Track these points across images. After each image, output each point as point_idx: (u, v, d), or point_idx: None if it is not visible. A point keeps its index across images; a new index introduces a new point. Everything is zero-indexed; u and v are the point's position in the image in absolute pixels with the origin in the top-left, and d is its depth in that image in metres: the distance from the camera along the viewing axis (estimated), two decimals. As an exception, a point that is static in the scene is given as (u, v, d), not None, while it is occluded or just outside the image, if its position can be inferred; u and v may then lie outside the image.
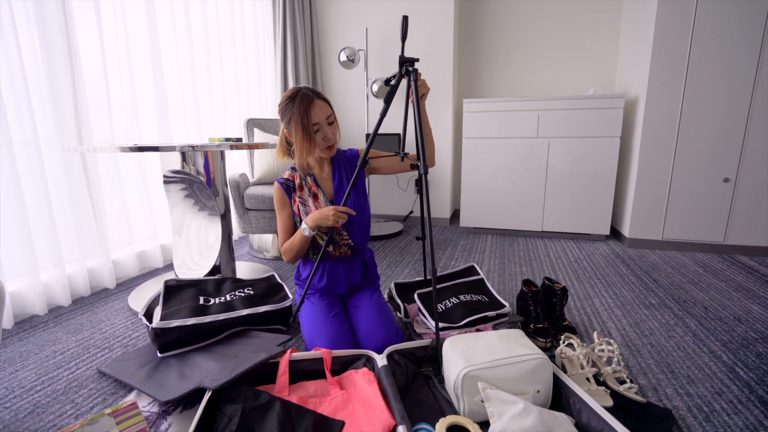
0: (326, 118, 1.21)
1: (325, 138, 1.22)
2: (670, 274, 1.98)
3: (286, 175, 1.33)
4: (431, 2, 2.83)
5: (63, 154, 1.69)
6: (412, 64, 1.13)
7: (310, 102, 1.18)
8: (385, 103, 1.16)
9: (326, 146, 1.24)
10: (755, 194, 2.18)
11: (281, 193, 1.32)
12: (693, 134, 2.21)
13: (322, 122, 1.20)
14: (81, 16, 1.77)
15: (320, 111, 1.20)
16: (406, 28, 1.10)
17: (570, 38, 2.92)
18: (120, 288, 1.88)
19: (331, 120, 1.23)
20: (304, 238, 1.27)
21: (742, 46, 2.05)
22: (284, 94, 1.27)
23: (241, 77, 2.72)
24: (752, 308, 1.58)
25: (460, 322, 1.26)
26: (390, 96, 1.16)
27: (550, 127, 2.54)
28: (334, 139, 1.25)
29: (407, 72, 1.13)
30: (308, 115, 1.17)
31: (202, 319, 1.25)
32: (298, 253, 1.32)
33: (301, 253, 1.33)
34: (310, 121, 1.18)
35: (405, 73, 1.14)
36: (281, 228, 1.34)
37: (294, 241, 1.30)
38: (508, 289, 1.80)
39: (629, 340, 1.35)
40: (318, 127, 1.20)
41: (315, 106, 1.18)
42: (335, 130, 1.26)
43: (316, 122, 1.19)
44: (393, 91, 1.17)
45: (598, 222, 2.58)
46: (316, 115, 1.19)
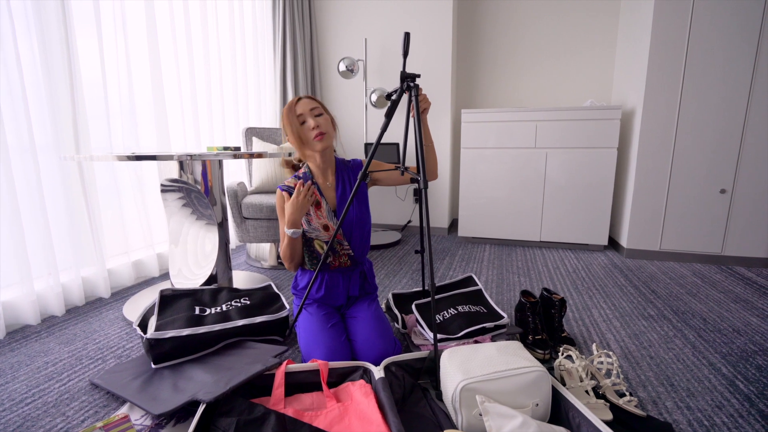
0: (310, 110, 1.27)
1: (310, 128, 1.26)
2: (668, 285, 1.97)
3: (289, 182, 1.33)
4: (430, 14, 2.86)
5: (60, 162, 1.69)
6: (413, 80, 1.15)
7: (296, 100, 1.28)
8: (386, 118, 1.17)
9: (315, 135, 1.25)
10: (752, 205, 2.19)
11: (283, 200, 1.31)
12: (689, 145, 2.23)
13: (305, 112, 1.26)
14: (81, 23, 1.78)
15: (304, 104, 1.27)
16: (407, 44, 1.13)
17: (567, 50, 2.96)
18: (115, 297, 1.86)
19: (317, 112, 1.28)
20: (290, 241, 1.29)
21: (736, 59, 2.08)
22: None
23: (240, 86, 2.73)
24: (751, 320, 1.58)
25: (458, 334, 1.25)
26: (391, 111, 1.17)
27: (547, 138, 2.56)
28: (323, 128, 1.26)
29: (408, 87, 1.15)
30: (292, 109, 1.26)
31: (197, 330, 1.24)
32: (294, 257, 1.33)
33: (297, 257, 1.34)
34: (294, 113, 1.25)
35: (406, 88, 1.16)
36: (283, 234, 1.34)
37: (283, 246, 1.31)
38: (506, 299, 1.79)
39: (628, 352, 1.34)
40: (303, 119, 1.26)
41: (299, 102, 1.27)
42: (324, 122, 1.27)
43: (300, 113, 1.26)
44: (394, 106, 1.18)
45: (596, 232, 2.58)
46: (299, 108, 1.26)
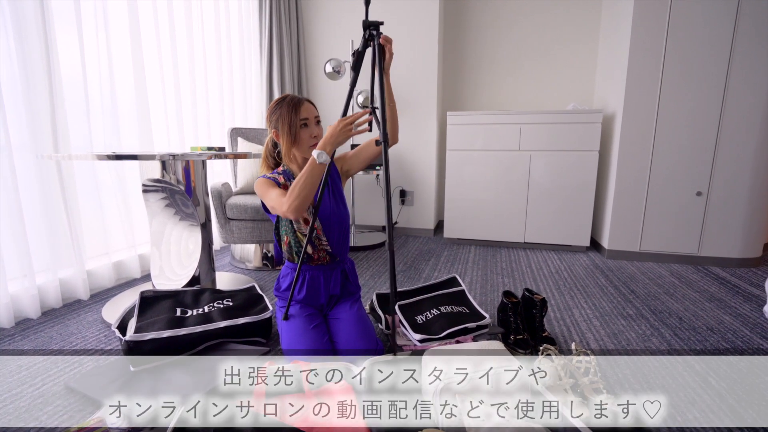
0: (315, 117, 1.27)
1: (311, 135, 1.25)
2: (647, 285, 2.02)
3: (271, 175, 1.31)
4: (416, 16, 2.89)
5: (37, 162, 1.65)
6: (377, 28, 1.06)
7: (299, 102, 1.25)
8: (353, 71, 1.12)
9: (312, 144, 1.26)
10: (726, 207, 2.26)
11: (268, 180, 1.26)
12: (667, 149, 2.29)
13: (310, 118, 1.26)
14: (61, 18, 1.73)
15: (308, 109, 1.26)
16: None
17: (551, 54, 3.01)
18: (94, 299, 1.82)
19: (319, 119, 1.29)
20: (317, 168, 1.11)
21: (710, 67, 2.15)
22: (273, 101, 1.29)
23: (226, 86, 2.71)
24: (724, 318, 1.63)
25: (440, 334, 1.26)
26: (357, 64, 1.12)
27: (531, 141, 2.60)
28: (321, 137, 1.26)
29: (371, 36, 1.07)
30: (297, 111, 1.23)
31: (178, 332, 1.22)
32: (307, 192, 1.12)
33: (311, 193, 1.13)
34: (299, 115, 1.23)
35: (369, 37, 1.08)
36: (278, 194, 1.19)
37: (302, 175, 1.12)
38: (489, 300, 1.81)
39: (607, 350, 1.37)
40: (306, 122, 1.25)
41: (303, 105, 1.25)
42: (321, 132, 1.28)
43: (305, 117, 1.24)
44: (360, 58, 1.12)
45: (578, 233, 2.63)
46: (304, 111, 1.24)
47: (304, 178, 1.11)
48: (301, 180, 1.12)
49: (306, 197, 1.12)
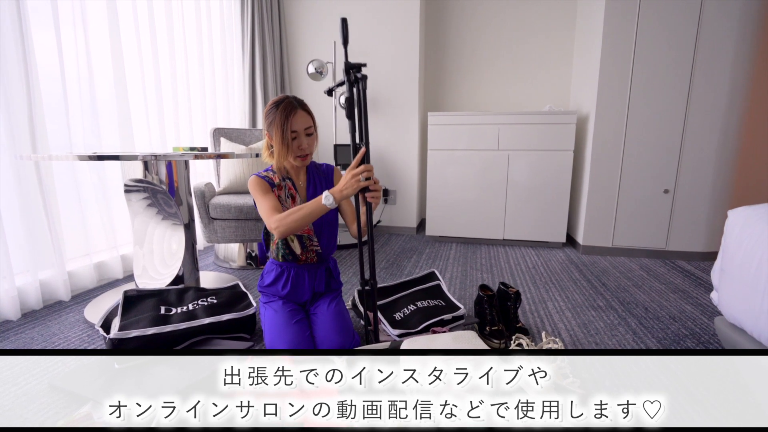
0: (305, 129, 1.25)
1: (300, 147, 1.25)
2: (617, 278, 2.12)
3: (265, 173, 1.33)
4: (398, 18, 2.94)
5: (15, 162, 1.64)
6: (359, 70, 1.09)
7: (292, 110, 1.23)
8: (349, 120, 1.16)
9: (300, 155, 1.27)
10: (691, 204, 2.38)
11: (262, 182, 1.28)
12: (636, 149, 2.40)
13: (300, 131, 1.24)
14: (37, 15, 1.72)
15: (301, 120, 1.24)
16: (346, 31, 1.06)
17: (529, 58, 3.11)
18: (75, 300, 1.82)
19: (310, 131, 1.27)
20: (320, 208, 1.14)
21: (676, 71, 2.27)
22: (272, 99, 1.29)
23: (208, 86, 2.71)
24: (686, 308, 1.73)
25: (417, 327, 1.32)
26: (351, 110, 1.16)
27: (509, 141, 2.68)
28: (310, 149, 1.28)
29: (356, 80, 1.10)
30: (288, 121, 1.21)
31: (163, 329, 1.25)
32: (300, 225, 1.15)
33: (304, 227, 1.17)
34: (290, 127, 1.22)
35: (354, 81, 1.11)
36: (270, 207, 1.22)
37: (303, 209, 1.14)
38: (468, 294, 1.88)
39: (576, 339, 1.45)
40: (296, 135, 1.24)
41: (296, 115, 1.23)
42: (312, 142, 1.29)
43: (294, 130, 1.23)
44: (351, 104, 1.17)
45: (555, 230, 2.72)
46: (295, 123, 1.23)
47: (304, 214, 1.14)
48: (300, 214, 1.14)
49: (297, 229, 1.16)
